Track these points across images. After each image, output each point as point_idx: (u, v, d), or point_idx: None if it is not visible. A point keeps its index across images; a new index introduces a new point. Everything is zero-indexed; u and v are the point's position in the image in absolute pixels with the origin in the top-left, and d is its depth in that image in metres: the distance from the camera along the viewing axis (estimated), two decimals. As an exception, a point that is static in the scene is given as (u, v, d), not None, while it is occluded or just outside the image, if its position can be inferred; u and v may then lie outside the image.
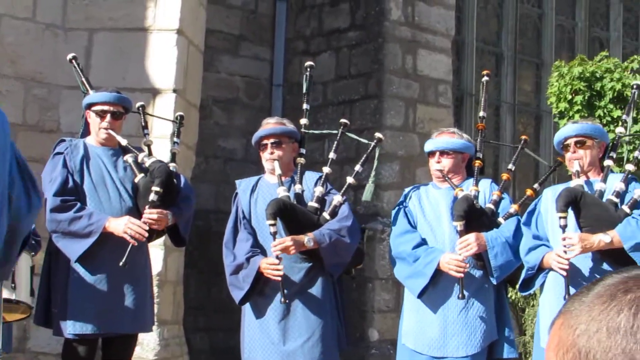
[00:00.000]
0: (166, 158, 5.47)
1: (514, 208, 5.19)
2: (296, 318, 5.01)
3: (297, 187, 5.19)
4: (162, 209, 5.08)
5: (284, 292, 4.87)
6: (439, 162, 5.21)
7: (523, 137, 5.80)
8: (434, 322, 5.06)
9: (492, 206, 5.16)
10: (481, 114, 5.68)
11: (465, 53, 11.16)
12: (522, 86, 12.12)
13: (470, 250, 4.89)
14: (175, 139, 5.66)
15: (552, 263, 4.72)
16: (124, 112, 5.38)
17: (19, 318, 5.19)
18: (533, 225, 5.04)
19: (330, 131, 6.22)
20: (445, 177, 5.15)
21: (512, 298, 8.62)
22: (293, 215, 4.97)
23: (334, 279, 5.14)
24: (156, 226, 5.09)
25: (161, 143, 6.42)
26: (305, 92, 5.60)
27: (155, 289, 6.70)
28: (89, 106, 5.31)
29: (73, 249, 5.00)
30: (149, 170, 5.15)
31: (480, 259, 4.99)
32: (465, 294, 4.89)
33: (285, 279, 4.92)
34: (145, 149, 5.39)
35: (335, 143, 5.48)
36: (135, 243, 4.95)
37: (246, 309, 5.16)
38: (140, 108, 5.66)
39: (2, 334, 4.08)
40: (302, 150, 5.37)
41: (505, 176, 5.43)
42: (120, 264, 4.89)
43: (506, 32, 11.84)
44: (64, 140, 5.32)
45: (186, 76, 7.41)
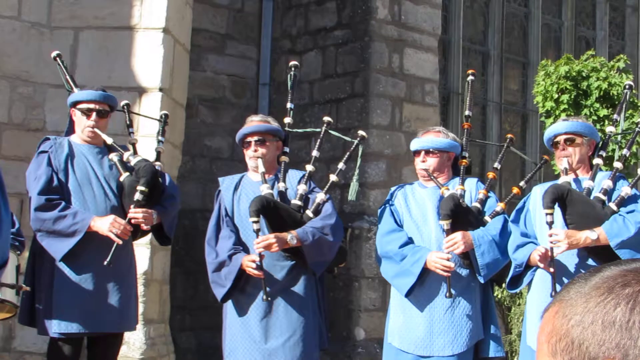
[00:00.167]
0: (152, 157, 5.45)
1: (500, 206, 5.19)
2: (278, 316, 5.01)
3: (280, 185, 5.19)
4: (147, 208, 5.07)
5: (266, 289, 4.86)
6: (424, 161, 5.21)
7: (509, 135, 5.82)
8: (420, 321, 5.05)
9: (478, 205, 5.16)
10: (466, 113, 5.69)
11: (452, 52, 11.16)
12: (509, 85, 12.14)
13: (457, 249, 4.89)
14: (159, 138, 5.65)
15: (536, 259, 4.73)
16: (110, 110, 5.36)
17: (5, 317, 5.17)
18: (522, 223, 5.05)
19: (313, 129, 6.22)
20: (431, 176, 5.15)
21: (498, 297, 8.64)
22: (276, 213, 4.97)
23: (316, 277, 5.14)
24: (143, 224, 5.08)
25: (147, 142, 6.40)
26: (290, 91, 5.60)
27: (142, 288, 6.69)
28: (75, 104, 5.29)
29: (57, 248, 4.99)
30: (134, 169, 5.14)
31: (467, 257, 4.99)
32: (453, 292, 4.89)
33: (267, 276, 4.92)
34: (130, 147, 5.38)
35: (319, 141, 5.47)
36: (120, 242, 4.94)
37: (228, 307, 5.15)
38: (125, 106, 5.65)
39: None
40: (286, 149, 5.37)
41: (491, 175, 5.44)
42: (105, 263, 4.87)
43: (492, 31, 11.86)
44: (49, 138, 5.29)
45: (172, 75, 7.39)
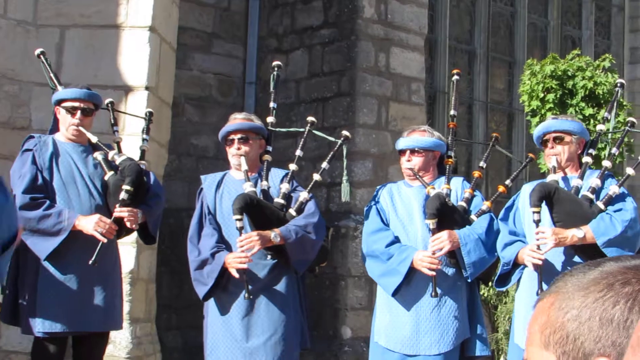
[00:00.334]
0: (137, 155, 5.43)
1: (486, 205, 5.19)
2: (259, 315, 5.00)
3: (263, 184, 5.18)
4: (132, 207, 5.06)
5: (248, 288, 4.85)
6: (409, 160, 5.20)
7: (494, 134, 5.83)
8: (406, 319, 5.05)
9: (464, 204, 5.16)
10: (452, 112, 5.69)
11: (438, 51, 11.17)
12: (495, 84, 12.16)
13: (444, 248, 4.89)
14: (144, 136, 5.63)
15: (525, 258, 4.74)
16: (94, 108, 5.34)
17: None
18: (510, 221, 5.06)
19: (297, 129, 6.22)
20: (417, 176, 5.14)
21: (485, 295, 8.66)
22: (259, 211, 4.96)
23: (298, 276, 5.14)
24: (128, 223, 5.06)
25: (133, 140, 6.38)
26: (273, 90, 5.60)
27: (128, 287, 6.66)
28: (59, 102, 5.27)
29: (42, 247, 4.96)
30: (119, 168, 5.12)
31: (454, 256, 5.00)
32: (439, 291, 4.89)
33: (249, 275, 4.91)
34: (115, 146, 5.36)
35: (302, 140, 5.47)
36: (105, 241, 4.93)
37: (210, 305, 5.14)
38: (109, 104, 5.63)
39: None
40: (269, 148, 5.37)
41: (476, 174, 5.44)
42: (90, 262, 4.86)
43: (479, 30, 11.88)
44: (33, 136, 5.27)
45: (158, 73, 7.37)
